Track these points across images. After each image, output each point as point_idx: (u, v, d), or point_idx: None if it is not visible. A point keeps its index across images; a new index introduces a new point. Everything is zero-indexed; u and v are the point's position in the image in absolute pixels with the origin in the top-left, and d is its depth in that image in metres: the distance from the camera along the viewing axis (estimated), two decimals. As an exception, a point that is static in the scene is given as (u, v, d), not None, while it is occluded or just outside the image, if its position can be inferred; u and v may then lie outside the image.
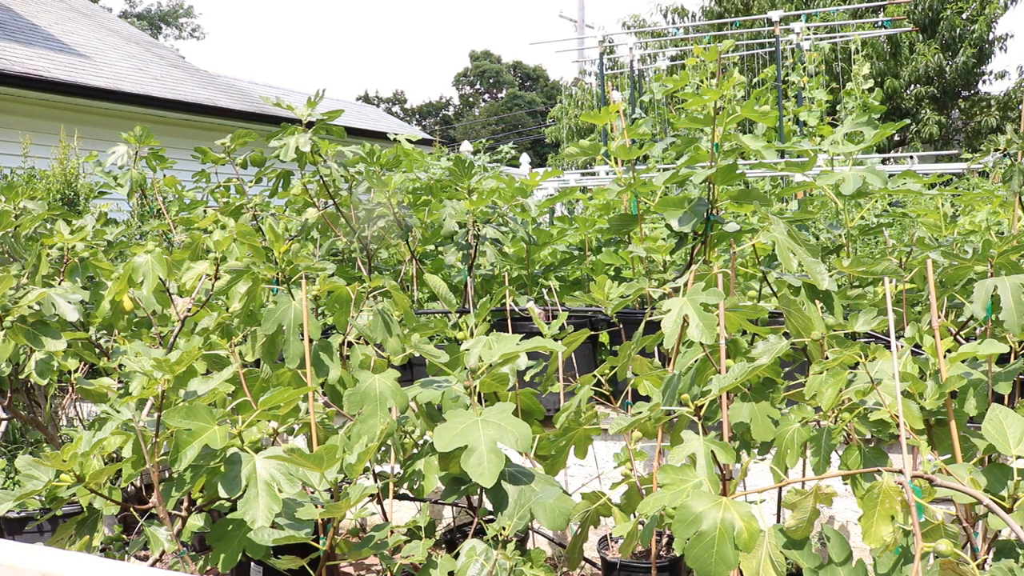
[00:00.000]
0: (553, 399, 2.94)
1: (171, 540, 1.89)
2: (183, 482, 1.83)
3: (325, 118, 2.91)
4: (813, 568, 1.59)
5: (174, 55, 12.84)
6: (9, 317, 2.31)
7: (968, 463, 1.63)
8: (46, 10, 10.74)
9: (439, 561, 1.94)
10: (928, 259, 1.87)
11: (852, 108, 7.58)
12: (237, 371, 1.97)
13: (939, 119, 17.27)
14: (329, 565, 1.95)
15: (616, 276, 3.73)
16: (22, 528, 3.00)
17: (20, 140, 6.68)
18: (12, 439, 3.40)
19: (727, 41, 2.85)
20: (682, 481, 1.59)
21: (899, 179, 2.42)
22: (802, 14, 10.34)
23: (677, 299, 1.82)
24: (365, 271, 3.36)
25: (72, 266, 2.64)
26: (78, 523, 2.00)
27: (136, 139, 3.58)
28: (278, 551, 1.85)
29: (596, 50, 10.84)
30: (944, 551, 1.42)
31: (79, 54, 9.44)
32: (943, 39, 17.32)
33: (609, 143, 4.08)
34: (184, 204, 3.96)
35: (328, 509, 1.74)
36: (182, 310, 2.41)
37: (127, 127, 3.77)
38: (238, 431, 1.78)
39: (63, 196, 5.67)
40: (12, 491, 1.88)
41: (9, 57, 8.02)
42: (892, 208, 4.10)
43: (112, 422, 1.83)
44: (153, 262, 2.36)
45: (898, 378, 1.62)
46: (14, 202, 2.90)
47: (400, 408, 2.12)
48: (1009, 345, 1.97)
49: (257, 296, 2.28)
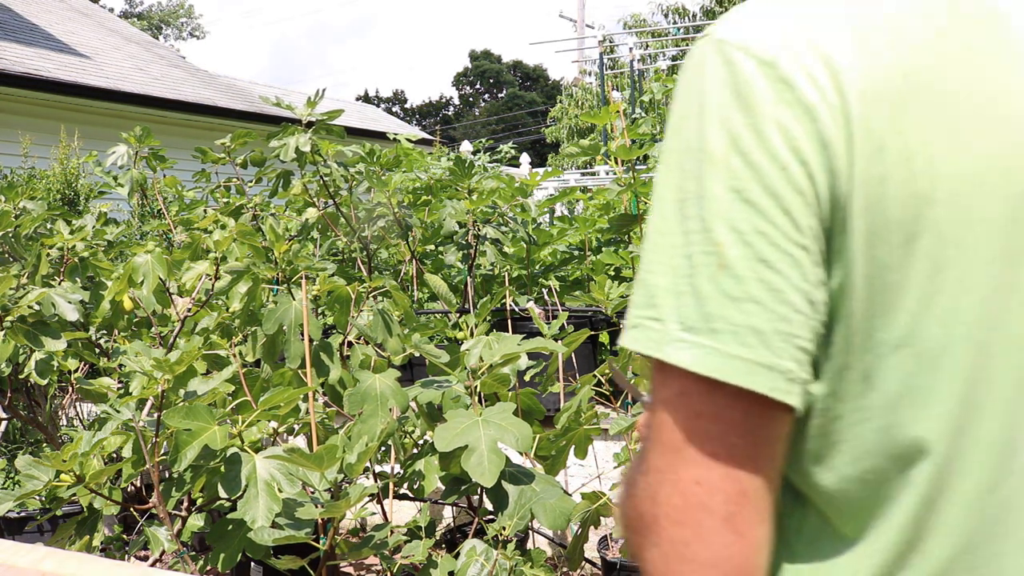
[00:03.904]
0: (553, 399, 2.94)
1: (171, 540, 1.88)
2: (183, 482, 1.82)
3: (325, 118, 2.91)
4: (813, 568, 1.59)
5: (174, 55, 12.85)
6: (9, 317, 2.31)
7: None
8: (46, 10, 10.74)
9: (439, 561, 1.94)
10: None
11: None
12: (237, 371, 1.97)
13: (939, 119, 17.30)
14: (329, 565, 1.95)
15: (616, 276, 3.73)
16: (22, 528, 3.00)
17: (20, 140, 6.69)
18: (12, 439, 3.40)
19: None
20: (682, 481, 1.58)
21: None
22: (802, 14, 10.34)
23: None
24: (365, 271, 3.36)
25: (72, 266, 2.64)
26: (78, 523, 2.00)
27: (136, 139, 3.58)
28: (278, 551, 1.85)
29: (596, 50, 10.85)
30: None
31: (79, 54, 9.45)
32: (943, 39, 17.35)
33: (609, 143, 4.08)
34: (184, 204, 3.96)
35: (328, 509, 1.74)
36: (182, 310, 2.41)
37: (127, 127, 3.77)
38: (238, 431, 1.78)
39: (63, 196, 5.67)
40: (12, 491, 1.88)
41: (9, 57, 8.02)
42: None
43: (112, 422, 1.83)
44: (153, 262, 2.36)
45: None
46: (14, 202, 2.90)
47: (400, 408, 2.12)
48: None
49: (257, 296, 2.28)
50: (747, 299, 0.49)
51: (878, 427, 0.51)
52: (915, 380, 0.51)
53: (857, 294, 0.50)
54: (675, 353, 0.50)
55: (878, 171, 0.48)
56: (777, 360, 0.49)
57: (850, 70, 0.49)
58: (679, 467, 0.51)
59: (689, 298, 0.50)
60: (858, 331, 0.50)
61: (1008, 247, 0.50)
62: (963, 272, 0.50)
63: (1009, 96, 0.51)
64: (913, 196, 0.49)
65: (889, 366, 0.50)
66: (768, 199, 0.49)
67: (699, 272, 0.50)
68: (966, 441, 0.51)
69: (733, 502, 0.50)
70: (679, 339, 0.50)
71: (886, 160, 0.49)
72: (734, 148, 0.50)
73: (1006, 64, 0.51)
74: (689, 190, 0.51)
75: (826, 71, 0.49)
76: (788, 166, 0.49)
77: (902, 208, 0.49)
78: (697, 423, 0.51)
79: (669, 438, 0.52)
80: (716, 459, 0.50)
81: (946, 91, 0.50)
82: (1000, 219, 0.50)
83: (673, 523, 0.51)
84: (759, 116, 0.49)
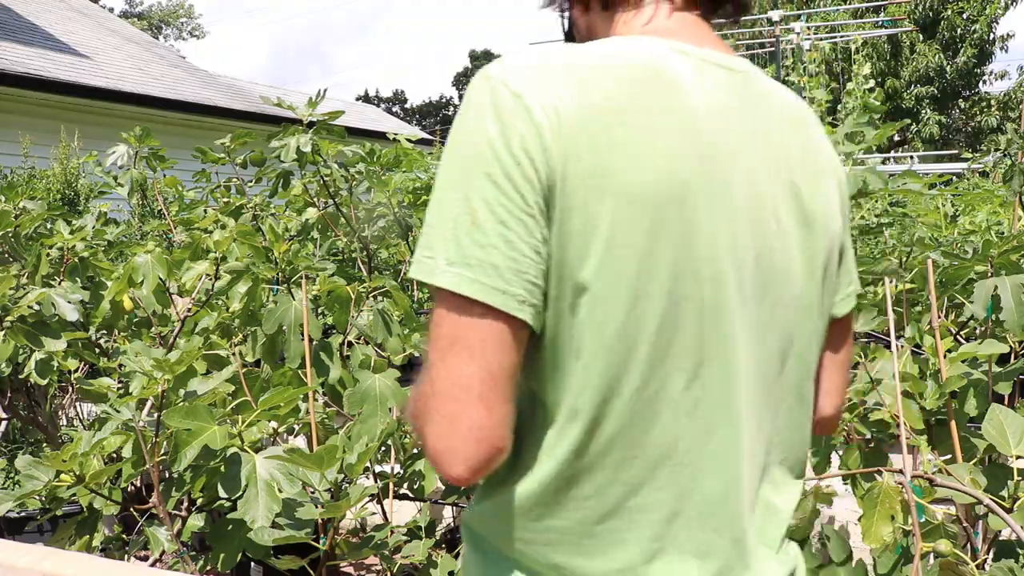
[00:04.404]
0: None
1: (171, 540, 1.88)
2: (183, 482, 1.82)
3: (326, 118, 2.91)
4: (813, 568, 1.59)
5: (174, 55, 12.85)
6: (9, 317, 2.31)
7: (968, 463, 1.63)
8: (46, 10, 10.74)
9: (439, 561, 1.94)
10: (928, 259, 1.87)
11: (852, 108, 7.58)
12: (237, 371, 1.97)
13: (940, 119, 17.27)
14: (329, 565, 1.95)
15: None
16: (22, 528, 3.00)
17: (20, 140, 6.69)
18: (12, 439, 3.40)
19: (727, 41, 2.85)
20: (682, 481, 1.59)
21: (899, 179, 2.42)
22: (802, 14, 10.34)
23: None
24: (365, 271, 3.36)
25: (72, 266, 2.64)
26: (78, 523, 2.00)
27: (136, 139, 3.57)
28: (278, 551, 1.85)
29: (596, 50, 10.83)
30: (944, 551, 1.42)
31: (79, 54, 9.45)
32: (944, 39, 17.31)
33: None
34: (184, 204, 3.96)
35: (328, 509, 1.74)
36: (182, 310, 2.41)
37: (127, 127, 3.77)
38: (238, 431, 1.78)
39: (63, 196, 5.67)
40: (12, 491, 1.88)
41: (9, 57, 8.02)
42: (892, 208, 4.09)
43: (112, 422, 1.83)
44: (153, 262, 2.36)
45: (898, 378, 1.62)
46: (14, 202, 2.89)
47: (400, 408, 2.12)
48: (1009, 345, 1.97)
49: (257, 296, 2.28)
50: (490, 246, 0.72)
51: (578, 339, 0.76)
52: (593, 312, 0.74)
53: (555, 251, 0.74)
54: (441, 278, 0.73)
55: (574, 171, 0.73)
56: (508, 287, 0.72)
57: (567, 104, 0.74)
58: (449, 359, 0.73)
59: (452, 244, 0.73)
60: (559, 276, 0.74)
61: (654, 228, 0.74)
62: (625, 242, 0.74)
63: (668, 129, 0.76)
64: (596, 189, 0.73)
65: (580, 303, 0.74)
66: (507, 182, 0.73)
67: (460, 227, 0.73)
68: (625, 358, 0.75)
69: (485, 385, 0.72)
70: (444, 270, 0.73)
71: (581, 165, 0.73)
72: (489, 147, 0.74)
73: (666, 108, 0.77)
74: (456, 173, 0.75)
75: (553, 103, 0.73)
76: (522, 162, 0.73)
77: (586, 197, 0.73)
78: (459, 329, 0.73)
79: (442, 340, 0.74)
80: (472, 353, 0.73)
81: (625, 123, 0.74)
82: (653, 207, 0.74)
83: (444, 400, 0.73)
84: (507, 128, 0.73)
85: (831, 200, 0.89)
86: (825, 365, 0.96)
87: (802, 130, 0.89)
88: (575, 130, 0.73)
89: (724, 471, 0.80)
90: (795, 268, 0.85)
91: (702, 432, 0.79)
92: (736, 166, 0.80)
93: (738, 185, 0.79)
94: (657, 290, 0.75)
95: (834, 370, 0.97)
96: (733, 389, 0.80)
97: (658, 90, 0.77)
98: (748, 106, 0.83)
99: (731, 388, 0.80)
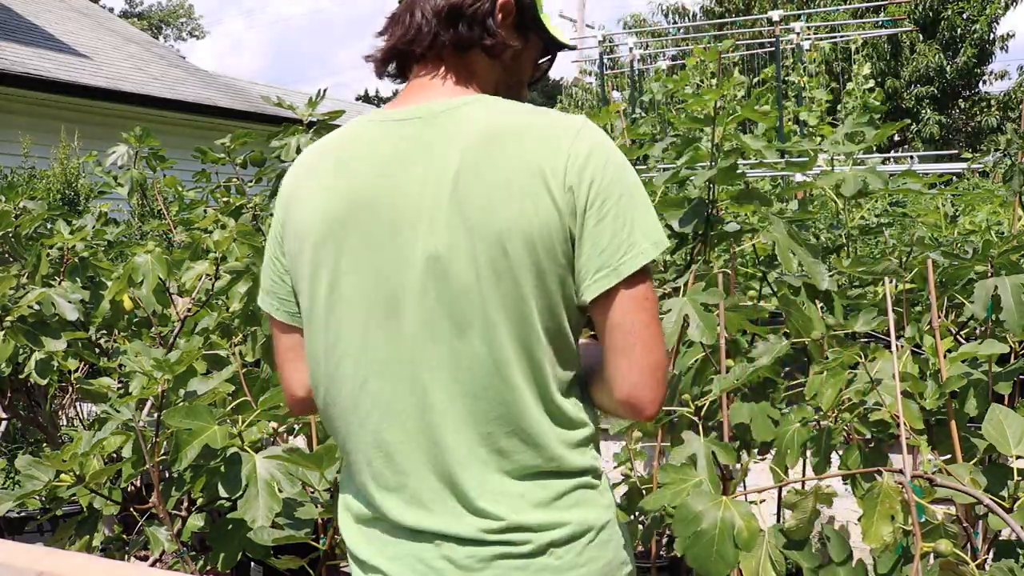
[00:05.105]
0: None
1: (171, 540, 1.88)
2: (183, 482, 1.83)
3: (326, 118, 2.91)
4: (813, 568, 1.59)
5: (174, 55, 12.85)
6: (9, 317, 2.31)
7: (968, 463, 1.63)
8: (46, 10, 10.74)
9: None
10: (928, 259, 1.87)
11: (852, 108, 7.59)
12: (237, 371, 1.97)
13: (940, 119, 17.26)
14: (329, 565, 1.95)
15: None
16: (22, 528, 3.00)
17: (20, 140, 6.69)
18: (12, 439, 3.40)
19: (727, 41, 2.85)
20: (682, 480, 1.59)
21: (899, 179, 2.41)
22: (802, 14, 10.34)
23: (677, 299, 1.81)
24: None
25: (72, 266, 2.64)
26: (78, 523, 2.00)
27: (136, 139, 3.57)
28: (278, 551, 1.85)
29: (596, 50, 10.85)
30: (944, 551, 1.42)
31: (79, 54, 9.45)
32: (944, 39, 17.30)
33: (609, 143, 4.07)
34: (184, 204, 3.95)
35: (328, 509, 1.74)
36: (182, 310, 2.41)
37: (127, 127, 3.77)
38: (238, 431, 1.78)
39: (63, 196, 5.67)
40: (12, 491, 1.88)
41: (9, 57, 8.02)
42: (892, 208, 4.09)
43: (112, 422, 1.83)
44: (153, 262, 2.36)
45: (898, 378, 1.62)
46: (14, 202, 2.89)
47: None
48: (1009, 345, 1.97)
49: (257, 296, 2.28)
50: (264, 276, 1.23)
51: None
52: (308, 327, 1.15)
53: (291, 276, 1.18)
54: (260, 299, 1.25)
55: (290, 228, 1.15)
56: (269, 300, 1.22)
57: (291, 187, 1.17)
58: (276, 340, 1.24)
59: (263, 274, 1.24)
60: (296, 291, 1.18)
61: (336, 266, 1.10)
62: (321, 272, 1.10)
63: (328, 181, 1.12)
64: (296, 237, 1.13)
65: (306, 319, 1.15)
66: (273, 241, 1.20)
67: (264, 266, 1.23)
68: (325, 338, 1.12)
69: (284, 356, 1.23)
70: (261, 295, 1.24)
71: (291, 223, 1.15)
72: (274, 220, 1.20)
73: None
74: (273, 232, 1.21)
75: (290, 190, 1.17)
76: (275, 228, 1.20)
77: (294, 242, 1.14)
78: (272, 322, 1.24)
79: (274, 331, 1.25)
80: (278, 335, 1.23)
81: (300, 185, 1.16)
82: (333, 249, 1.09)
83: (277, 365, 1.26)
84: (278, 208, 1.19)
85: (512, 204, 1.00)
86: (604, 352, 1.06)
87: (487, 147, 1.03)
88: (289, 202, 1.16)
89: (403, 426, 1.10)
90: (459, 268, 1.01)
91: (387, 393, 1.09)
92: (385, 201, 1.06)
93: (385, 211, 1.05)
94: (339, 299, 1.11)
95: (611, 356, 1.05)
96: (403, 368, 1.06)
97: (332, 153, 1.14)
98: (416, 146, 1.06)
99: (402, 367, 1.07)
